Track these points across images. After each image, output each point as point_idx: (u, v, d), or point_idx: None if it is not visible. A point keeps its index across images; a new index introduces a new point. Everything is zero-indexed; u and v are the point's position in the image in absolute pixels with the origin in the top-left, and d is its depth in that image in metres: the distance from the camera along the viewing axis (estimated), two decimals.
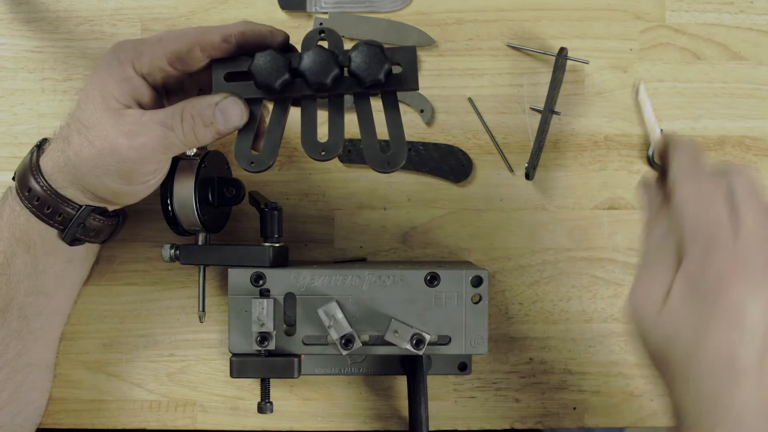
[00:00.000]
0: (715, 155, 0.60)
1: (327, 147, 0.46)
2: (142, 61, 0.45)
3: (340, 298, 0.50)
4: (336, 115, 0.47)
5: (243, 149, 0.46)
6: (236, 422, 0.59)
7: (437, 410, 0.59)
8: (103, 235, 0.53)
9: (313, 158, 0.46)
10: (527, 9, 0.60)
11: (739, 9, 0.60)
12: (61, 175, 0.48)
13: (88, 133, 0.46)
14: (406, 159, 0.47)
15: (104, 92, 0.45)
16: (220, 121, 0.45)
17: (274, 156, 0.46)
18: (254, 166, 0.46)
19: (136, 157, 0.45)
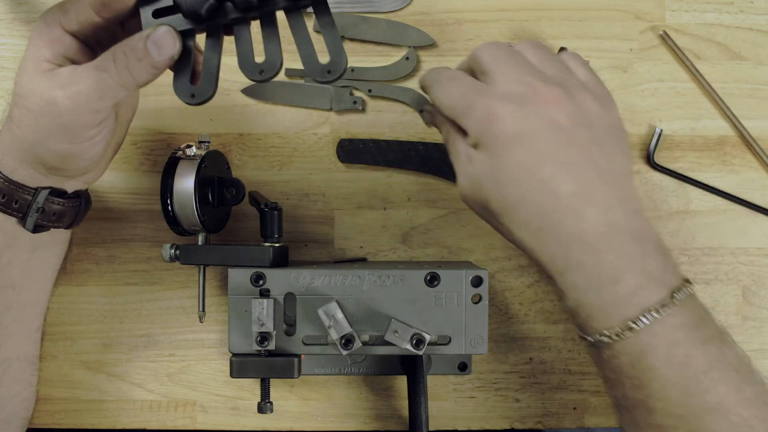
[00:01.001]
0: (715, 155, 0.60)
1: (265, 66, 0.45)
2: (69, 17, 0.44)
3: (340, 298, 0.50)
4: (270, 34, 0.45)
5: (182, 83, 0.46)
6: (236, 422, 0.59)
7: (437, 410, 0.59)
8: (66, 219, 0.52)
9: (252, 79, 0.45)
10: (527, 9, 0.60)
11: (739, 9, 0.60)
12: (9, 155, 0.47)
13: (25, 101, 0.45)
14: (346, 66, 0.46)
15: (36, 57, 0.44)
16: (153, 52, 0.43)
17: (214, 86, 0.45)
18: (195, 98, 0.45)
19: (73, 107, 0.44)
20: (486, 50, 0.45)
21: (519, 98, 0.42)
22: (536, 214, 0.42)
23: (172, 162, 0.51)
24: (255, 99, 0.59)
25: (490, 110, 0.42)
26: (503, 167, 0.42)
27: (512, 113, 0.42)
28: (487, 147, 0.43)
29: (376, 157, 0.59)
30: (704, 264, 0.59)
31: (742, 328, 0.59)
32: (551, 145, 0.41)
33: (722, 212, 0.59)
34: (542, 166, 0.41)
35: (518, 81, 0.43)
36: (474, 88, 0.44)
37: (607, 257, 0.41)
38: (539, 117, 0.41)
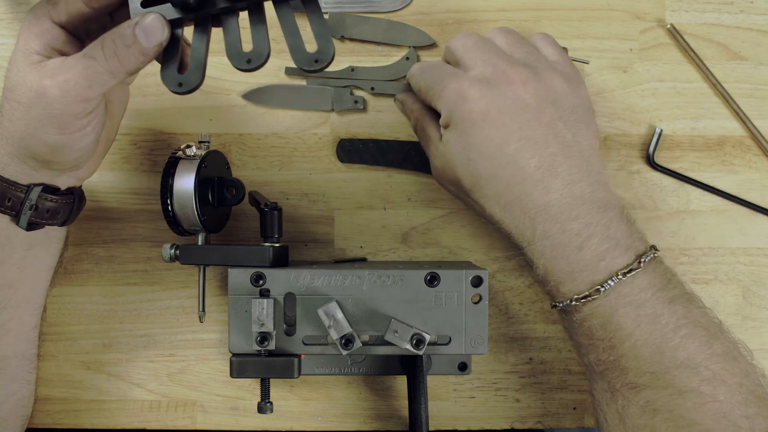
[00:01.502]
0: (715, 155, 0.60)
1: (252, 56, 0.45)
2: (58, 9, 0.45)
3: (340, 298, 0.50)
4: (258, 24, 0.46)
5: (170, 72, 0.46)
6: (236, 422, 0.59)
7: (437, 410, 0.59)
8: (60, 216, 0.51)
9: (239, 69, 0.45)
10: (527, 9, 0.60)
11: (739, 9, 0.60)
12: (0, 150, 0.47)
13: (15, 94, 0.45)
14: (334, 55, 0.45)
15: (25, 50, 0.45)
16: (141, 39, 0.43)
17: (201, 75, 0.45)
18: (183, 87, 0.46)
19: (62, 96, 0.44)
20: (457, 40, 0.49)
21: (487, 79, 0.45)
22: (505, 188, 0.44)
23: (172, 162, 0.51)
24: (256, 104, 0.59)
25: (461, 91, 0.45)
26: (472, 144, 0.45)
27: (480, 92, 0.45)
28: (456, 125, 0.46)
29: (376, 157, 0.59)
30: (704, 264, 0.59)
31: (742, 328, 0.59)
32: (518, 122, 0.44)
33: (722, 212, 0.59)
34: (509, 142, 0.44)
35: (487, 63, 0.46)
36: (448, 73, 0.47)
37: (572, 225, 0.43)
38: (506, 96, 0.44)
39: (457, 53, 0.49)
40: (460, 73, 0.47)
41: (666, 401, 0.42)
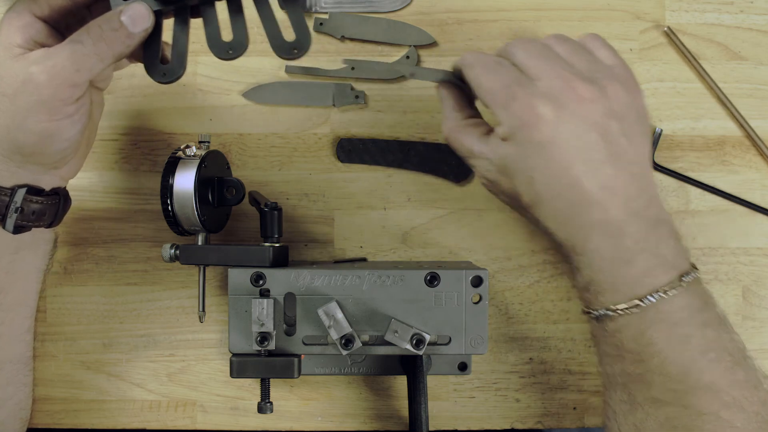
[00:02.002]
0: (715, 155, 0.60)
1: (233, 45, 0.48)
2: (39, 3, 0.45)
3: (340, 298, 0.50)
4: (237, 14, 0.48)
5: (153, 62, 0.47)
6: (236, 422, 0.59)
7: (437, 410, 0.59)
8: (47, 218, 0.51)
9: (221, 58, 0.47)
10: (527, 9, 0.60)
11: (739, 9, 0.60)
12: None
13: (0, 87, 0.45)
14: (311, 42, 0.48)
15: (7, 44, 0.45)
16: (128, 23, 0.45)
17: (184, 65, 0.47)
18: (166, 76, 0.47)
19: (49, 80, 0.44)
20: (519, 46, 0.46)
21: (557, 97, 0.43)
22: (565, 206, 0.44)
23: (172, 162, 0.51)
24: (257, 102, 0.59)
25: (532, 108, 0.43)
26: (537, 164, 0.43)
27: (552, 113, 0.43)
28: (522, 143, 0.44)
29: (376, 157, 0.59)
30: (704, 264, 0.59)
31: (742, 328, 0.59)
32: (586, 143, 0.43)
33: (722, 212, 0.59)
34: (576, 163, 0.43)
35: (554, 76, 0.44)
36: (517, 81, 0.44)
37: (625, 242, 0.43)
38: (576, 116, 0.43)
39: (520, 60, 0.46)
40: (527, 83, 0.44)
41: (686, 421, 0.42)
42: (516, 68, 0.45)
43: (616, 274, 0.44)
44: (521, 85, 0.44)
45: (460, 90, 0.50)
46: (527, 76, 0.44)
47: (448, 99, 0.50)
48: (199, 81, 0.59)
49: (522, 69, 0.45)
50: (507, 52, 0.46)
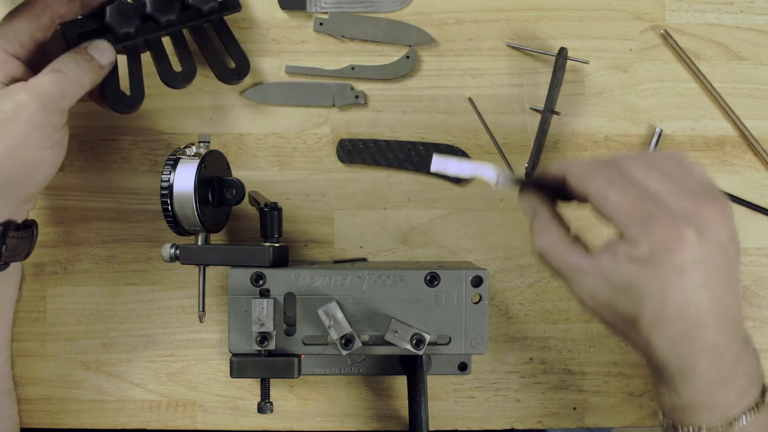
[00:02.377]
0: (715, 155, 0.60)
1: (183, 75, 0.55)
2: (10, 40, 0.47)
3: (340, 298, 0.50)
4: (182, 47, 0.55)
5: (115, 94, 0.53)
6: (236, 422, 0.59)
7: (437, 410, 0.59)
8: (24, 251, 0.51)
9: (174, 87, 0.55)
10: (527, 9, 0.60)
11: (739, 9, 0.60)
12: None
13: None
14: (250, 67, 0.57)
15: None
16: (97, 56, 0.49)
17: (142, 94, 0.54)
18: (129, 107, 0.53)
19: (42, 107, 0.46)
20: (635, 162, 0.43)
21: (696, 220, 0.41)
22: (685, 330, 0.42)
23: (172, 162, 0.51)
24: (258, 102, 0.59)
25: (677, 231, 0.40)
26: (674, 289, 0.41)
27: (695, 238, 0.40)
28: (661, 266, 0.41)
29: (376, 157, 0.59)
30: None
31: None
32: (716, 267, 0.41)
33: None
34: (707, 289, 0.41)
35: (686, 199, 0.41)
36: (650, 198, 0.41)
37: (726, 363, 0.42)
38: (713, 242, 0.41)
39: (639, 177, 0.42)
40: (664, 202, 0.41)
41: None
42: (641, 185, 0.42)
43: (716, 395, 0.43)
44: (657, 203, 0.41)
45: (549, 197, 0.46)
46: (651, 193, 0.42)
47: (541, 208, 0.46)
48: (200, 81, 0.59)
49: (641, 185, 0.42)
50: (618, 164, 0.43)
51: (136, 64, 0.54)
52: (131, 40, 0.52)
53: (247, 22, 0.59)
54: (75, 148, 0.59)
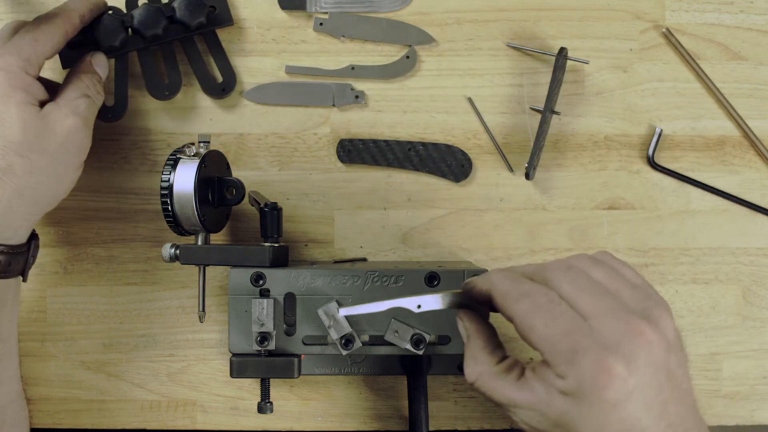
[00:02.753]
0: (715, 155, 0.60)
1: (169, 88, 0.57)
2: (32, 64, 0.49)
3: (340, 298, 0.50)
4: (170, 60, 0.57)
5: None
6: (236, 422, 0.59)
7: (437, 410, 0.59)
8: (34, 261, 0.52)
9: (158, 98, 0.57)
10: (527, 9, 0.60)
11: (739, 9, 0.60)
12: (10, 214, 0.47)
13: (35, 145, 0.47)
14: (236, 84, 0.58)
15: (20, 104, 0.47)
16: (99, 70, 0.53)
17: (126, 106, 0.57)
18: (112, 117, 0.57)
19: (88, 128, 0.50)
20: (561, 276, 0.41)
21: (627, 348, 0.38)
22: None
23: (172, 162, 0.51)
24: (258, 103, 0.59)
25: (604, 365, 0.38)
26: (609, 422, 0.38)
27: (627, 369, 0.38)
28: (591, 402, 0.38)
29: (376, 157, 0.59)
30: (704, 264, 0.59)
31: (742, 328, 0.59)
32: (656, 388, 0.39)
33: (722, 212, 0.59)
34: (650, 413, 0.39)
35: (616, 319, 0.39)
36: (578, 328, 0.39)
37: None
38: (648, 366, 0.39)
39: (566, 293, 0.40)
40: (591, 332, 0.39)
41: None
42: (569, 307, 0.40)
43: None
44: (584, 334, 0.39)
45: (486, 322, 0.45)
46: (580, 314, 0.39)
47: (475, 337, 0.44)
48: (191, 78, 0.59)
49: (572, 304, 0.40)
50: (546, 279, 0.41)
51: (123, 76, 0.57)
52: (116, 53, 0.55)
53: (247, 22, 0.59)
54: None
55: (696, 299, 0.59)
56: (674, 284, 0.59)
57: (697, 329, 0.59)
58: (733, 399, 0.59)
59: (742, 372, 0.59)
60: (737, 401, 0.59)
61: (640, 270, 0.59)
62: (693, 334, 0.59)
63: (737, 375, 0.59)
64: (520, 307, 0.40)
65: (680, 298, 0.59)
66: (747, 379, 0.59)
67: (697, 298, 0.59)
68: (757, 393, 0.59)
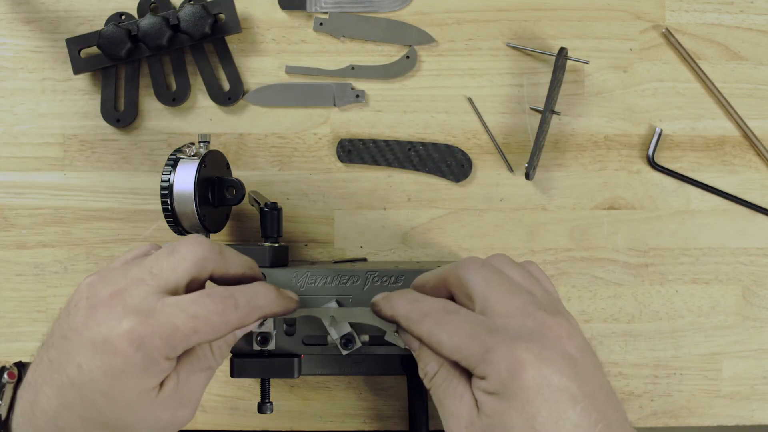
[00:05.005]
0: (715, 155, 0.60)
1: (177, 94, 0.58)
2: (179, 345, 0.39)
3: (340, 298, 0.50)
4: (180, 67, 0.58)
5: (109, 110, 0.58)
6: (236, 422, 0.59)
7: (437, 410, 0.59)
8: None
9: (166, 105, 0.58)
10: (527, 9, 0.60)
11: (739, 9, 0.60)
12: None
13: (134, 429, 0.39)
14: (244, 92, 0.59)
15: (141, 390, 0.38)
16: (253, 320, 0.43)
17: (135, 111, 0.58)
18: (120, 122, 0.58)
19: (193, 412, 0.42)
20: (475, 274, 0.41)
21: (535, 338, 0.39)
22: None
23: (172, 162, 0.51)
24: (259, 105, 0.59)
25: (514, 357, 0.38)
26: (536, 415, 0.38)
27: (538, 357, 0.38)
28: (509, 398, 0.38)
29: (376, 157, 0.59)
30: (704, 264, 0.59)
31: (742, 328, 0.59)
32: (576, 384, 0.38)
33: (722, 212, 0.59)
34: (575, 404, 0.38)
35: (525, 315, 0.39)
36: (482, 327, 0.39)
37: None
38: (563, 358, 0.39)
39: (479, 291, 0.40)
40: (497, 327, 0.39)
41: None
42: (467, 310, 0.40)
43: None
44: (489, 331, 0.39)
45: None
46: (490, 310, 0.39)
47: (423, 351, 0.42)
48: (200, 81, 0.59)
49: (482, 303, 0.40)
50: (459, 276, 0.41)
51: (133, 82, 0.57)
52: (121, 61, 0.56)
53: (247, 22, 0.59)
54: (75, 147, 0.59)
55: (696, 299, 0.59)
56: (674, 284, 0.59)
57: (697, 329, 0.59)
58: (733, 399, 0.59)
59: (742, 372, 0.59)
60: (737, 401, 0.59)
61: (640, 270, 0.59)
62: (693, 334, 0.59)
63: (737, 375, 0.59)
64: (423, 327, 0.40)
65: (680, 298, 0.59)
66: (747, 379, 0.59)
67: (697, 298, 0.59)
68: (757, 393, 0.59)
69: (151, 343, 0.37)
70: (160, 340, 0.37)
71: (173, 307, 0.38)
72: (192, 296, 0.39)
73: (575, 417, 0.38)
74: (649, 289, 0.59)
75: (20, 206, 0.59)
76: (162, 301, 0.38)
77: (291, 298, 0.45)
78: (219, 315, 0.39)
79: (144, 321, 0.37)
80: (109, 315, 0.37)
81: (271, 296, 0.43)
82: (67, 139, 0.59)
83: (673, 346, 0.59)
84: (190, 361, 0.41)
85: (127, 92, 0.58)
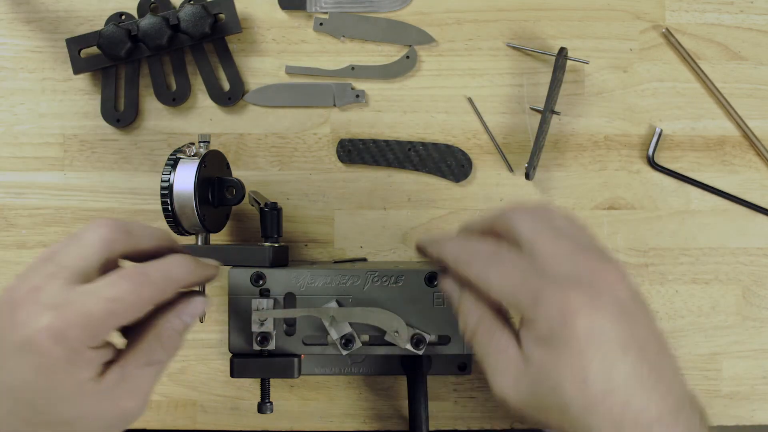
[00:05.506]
0: (715, 155, 0.60)
1: (177, 95, 0.58)
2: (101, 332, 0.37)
3: (340, 298, 0.50)
4: (179, 68, 0.58)
5: (109, 110, 0.58)
6: (236, 422, 0.59)
7: (437, 410, 0.59)
8: None
9: (166, 105, 0.58)
10: (527, 9, 0.60)
11: (739, 9, 0.60)
12: None
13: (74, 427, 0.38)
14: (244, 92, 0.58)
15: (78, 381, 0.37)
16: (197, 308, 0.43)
17: (135, 111, 0.58)
18: (120, 122, 0.58)
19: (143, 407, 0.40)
20: (524, 220, 0.40)
21: (586, 284, 0.37)
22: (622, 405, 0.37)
23: (172, 162, 0.51)
24: (259, 105, 0.59)
25: (566, 302, 0.36)
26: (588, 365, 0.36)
27: (588, 305, 0.36)
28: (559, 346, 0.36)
29: (376, 157, 0.59)
30: (704, 264, 0.59)
31: (742, 328, 0.59)
32: (627, 329, 0.37)
33: (722, 212, 0.59)
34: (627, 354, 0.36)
35: (574, 260, 0.38)
36: (532, 270, 0.38)
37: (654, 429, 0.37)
38: (614, 305, 0.37)
39: (527, 236, 0.39)
40: (548, 273, 0.38)
41: None
42: (518, 256, 0.39)
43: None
44: (542, 279, 0.37)
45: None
46: (541, 257, 0.38)
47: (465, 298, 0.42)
48: (200, 81, 0.59)
49: (530, 249, 0.39)
50: (506, 222, 0.40)
51: (133, 83, 0.57)
52: (121, 61, 0.57)
53: (247, 22, 0.59)
54: (75, 147, 0.59)
55: (696, 299, 0.59)
56: (674, 284, 0.59)
57: (697, 329, 0.59)
58: (733, 399, 0.59)
59: (742, 372, 0.59)
60: (737, 401, 0.59)
61: (640, 270, 0.59)
62: (693, 334, 0.59)
63: (737, 375, 0.59)
64: (472, 268, 0.40)
65: (680, 298, 0.59)
66: (747, 379, 0.59)
67: (697, 298, 0.59)
68: (757, 393, 0.59)
69: (70, 335, 0.36)
70: (78, 330, 0.36)
71: (86, 295, 0.37)
72: (104, 280, 0.38)
73: (626, 368, 0.36)
74: (649, 289, 0.59)
75: (20, 206, 0.59)
76: (75, 290, 0.37)
77: (209, 265, 0.44)
78: (133, 293, 0.38)
79: (60, 314, 0.36)
80: (28, 314, 0.36)
81: (187, 266, 0.41)
82: (67, 139, 0.59)
83: (673, 346, 0.59)
84: (135, 353, 0.39)
85: (127, 92, 0.58)
